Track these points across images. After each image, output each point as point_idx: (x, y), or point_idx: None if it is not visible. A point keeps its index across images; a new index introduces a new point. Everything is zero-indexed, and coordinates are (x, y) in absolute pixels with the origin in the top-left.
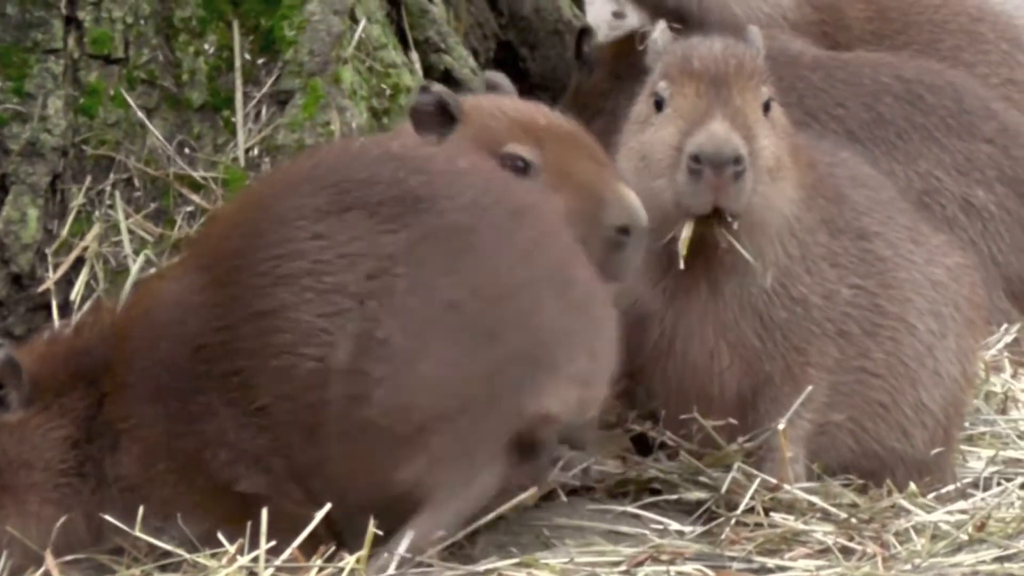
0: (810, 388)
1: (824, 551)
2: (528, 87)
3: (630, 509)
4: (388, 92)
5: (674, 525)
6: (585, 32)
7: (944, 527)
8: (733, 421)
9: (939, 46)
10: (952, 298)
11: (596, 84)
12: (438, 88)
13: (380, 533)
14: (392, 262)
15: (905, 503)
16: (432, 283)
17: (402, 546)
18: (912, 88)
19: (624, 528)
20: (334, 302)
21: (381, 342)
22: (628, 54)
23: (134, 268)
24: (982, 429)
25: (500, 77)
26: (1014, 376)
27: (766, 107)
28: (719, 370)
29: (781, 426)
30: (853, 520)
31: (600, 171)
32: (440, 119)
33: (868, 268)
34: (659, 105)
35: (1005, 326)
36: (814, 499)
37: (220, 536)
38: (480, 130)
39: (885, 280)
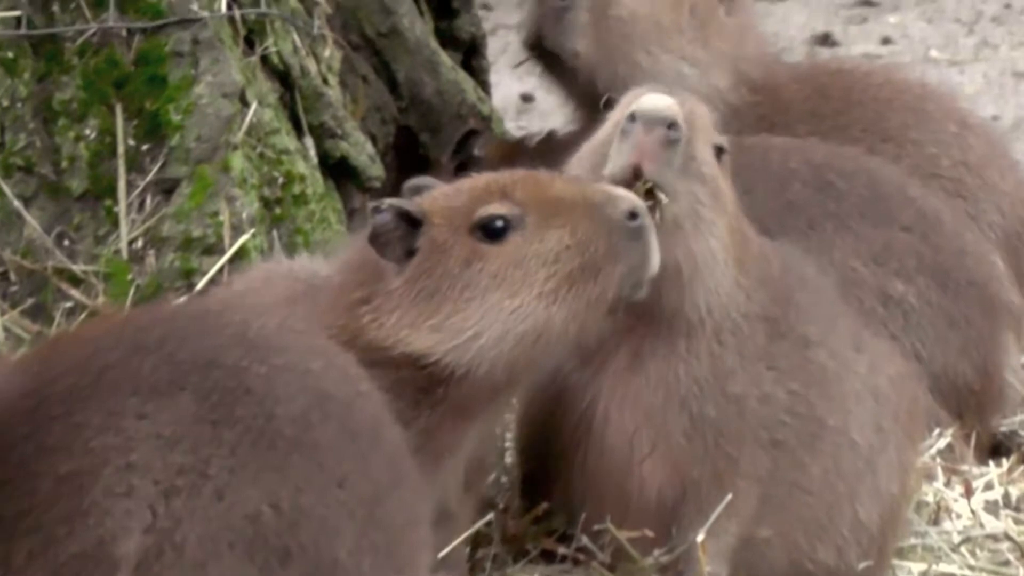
0: (729, 497)
1: None
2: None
3: None
4: (281, 180)
5: None
6: (473, 133)
7: None
8: (649, 533)
9: (885, 124)
10: (893, 410)
11: None
12: (389, 201)
13: None
14: (207, 463)
15: None
16: (239, 491)
17: None
18: (822, 174)
19: None
20: (132, 484)
21: (176, 546)
22: (518, 152)
23: None
24: (913, 541)
25: (425, 180)
26: (947, 484)
27: (717, 153)
28: (639, 459)
29: (700, 538)
30: None
31: (576, 184)
32: (403, 230)
33: (809, 377)
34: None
35: (937, 431)
36: None
37: None
38: (445, 216)
39: (827, 391)
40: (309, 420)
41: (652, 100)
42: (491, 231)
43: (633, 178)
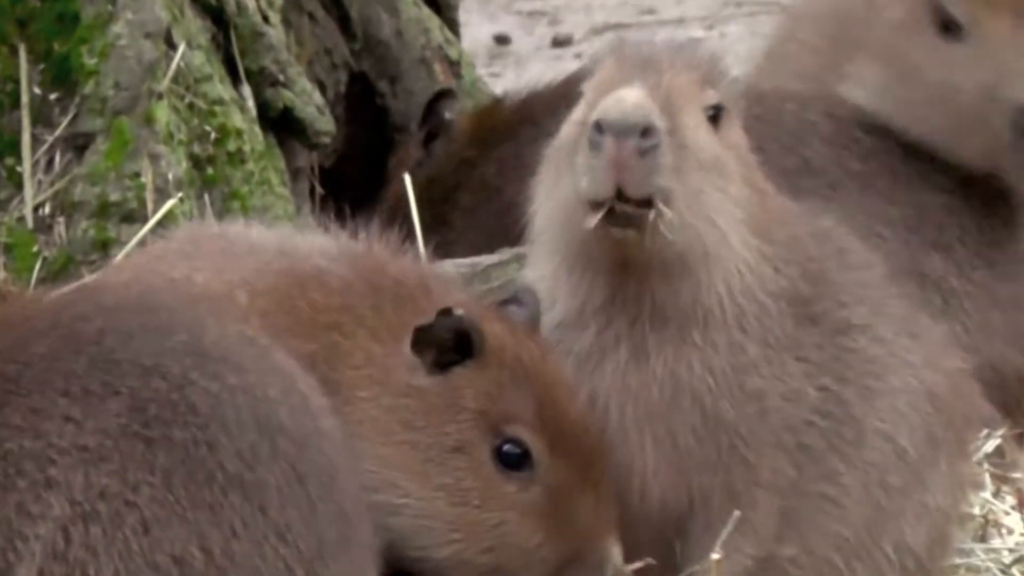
0: (736, 514)
1: None
2: (387, 129)
3: None
4: (213, 135)
5: None
6: (445, 95)
7: None
8: (651, 561)
9: None
10: (948, 414)
11: (455, 154)
12: (463, 313)
13: None
14: (135, 491)
15: None
16: (168, 527)
17: None
18: (845, 128)
19: None
20: (46, 501)
21: None
22: (492, 116)
23: None
24: (957, 561)
25: (530, 293)
26: (996, 495)
27: (714, 115)
28: (640, 463)
29: (716, 556)
30: None
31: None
32: (454, 349)
33: (846, 370)
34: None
35: (986, 432)
36: None
37: None
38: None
39: (869, 387)
40: (256, 455)
41: (617, 105)
42: (507, 455)
43: (617, 199)
